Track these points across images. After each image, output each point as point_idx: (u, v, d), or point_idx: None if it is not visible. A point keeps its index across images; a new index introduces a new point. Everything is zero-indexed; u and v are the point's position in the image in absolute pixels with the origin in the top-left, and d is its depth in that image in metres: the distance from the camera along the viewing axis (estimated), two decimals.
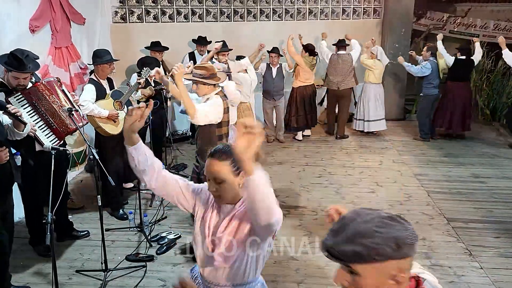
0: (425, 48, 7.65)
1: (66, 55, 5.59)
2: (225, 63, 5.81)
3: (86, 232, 4.55)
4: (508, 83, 8.95)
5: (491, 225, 4.77)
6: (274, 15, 8.18)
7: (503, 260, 4.14)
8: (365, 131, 7.90)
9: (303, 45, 7.47)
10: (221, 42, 5.74)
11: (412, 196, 5.50)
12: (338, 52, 7.57)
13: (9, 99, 3.60)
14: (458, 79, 7.47)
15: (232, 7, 7.85)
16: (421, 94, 7.70)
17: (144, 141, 6.18)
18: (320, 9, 8.44)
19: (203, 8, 7.68)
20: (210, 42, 7.14)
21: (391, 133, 8.13)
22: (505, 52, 6.83)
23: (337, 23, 8.55)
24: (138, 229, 4.59)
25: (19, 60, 3.62)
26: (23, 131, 3.35)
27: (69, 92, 4.19)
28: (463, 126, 7.63)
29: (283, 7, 8.19)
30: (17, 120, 3.22)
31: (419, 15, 11.95)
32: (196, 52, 7.19)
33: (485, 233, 4.62)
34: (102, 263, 3.77)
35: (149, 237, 4.43)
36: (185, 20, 7.62)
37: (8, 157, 3.20)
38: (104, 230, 3.77)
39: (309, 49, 7.35)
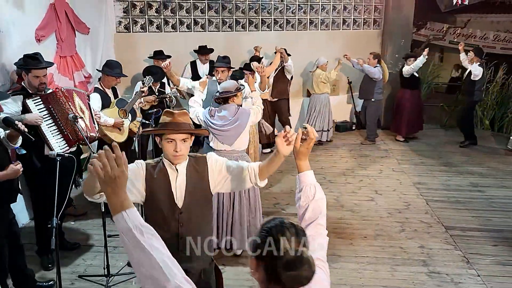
0: (372, 55, 7.82)
1: (71, 64, 5.68)
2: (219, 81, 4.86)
3: (77, 244, 4.55)
4: (507, 93, 9.04)
5: (489, 234, 4.83)
6: (276, 25, 8.30)
7: (500, 268, 4.19)
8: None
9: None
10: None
11: (411, 205, 5.56)
12: None
13: (26, 101, 3.71)
14: (404, 86, 8.06)
15: (234, 17, 7.97)
16: (372, 99, 7.90)
17: (146, 148, 6.24)
18: (321, 20, 8.56)
19: (205, 18, 7.79)
20: (212, 50, 7.21)
21: (391, 142, 8.21)
22: (462, 55, 7.82)
23: (338, 34, 8.67)
24: None
25: (36, 59, 3.81)
26: (15, 144, 3.41)
27: (94, 110, 4.38)
28: (418, 127, 8.33)
29: (284, 17, 8.30)
30: (24, 136, 3.28)
31: (419, 25, 12.10)
32: (198, 61, 7.26)
33: (482, 241, 4.67)
34: (104, 268, 3.83)
35: None
36: (188, 30, 7.73)
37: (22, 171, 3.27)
38: (106, 236, 3.84)
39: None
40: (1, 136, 3.31)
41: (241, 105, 4.28)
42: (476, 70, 7.47)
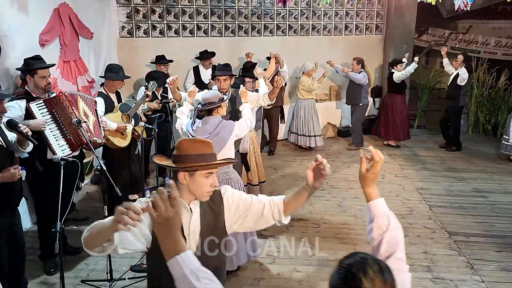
0: (355, 61, 7.82)
1: (74, 69, 5.70)
2: (226, 92, 4.53)
3: (80, 248, 4.54)
4: (509, 98, 9.05)
5: (492, 239, 4.81)
6: (278, 30, 8.32)
7: (504, 274, 4.17)
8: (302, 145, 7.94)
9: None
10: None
11: (414, 210, 5.54)
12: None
13: (30, 104, 3.71)
14: (393, 91, 8.06)
15: (236, 22, 8.00)
16: (360, 104, 7.92)
17: (149, 152, 6.23)
18: (323, 25, 8.58)
19: (208, 23, 7.82)
20: (214, 54, 7.23)
21: (393, 147, 8.20)
22: (445, 60, 8.06)
23: (340, 39, 8.69)
24: None
25: (39, 59, 3.86)
26: (25, 149, 3.41)
27: (101, 117, 4.39)
28: (404, 135, 8.21)
29: (287, 23, 8.33)
30: (27, 139, 3.26)
31: (421, 31, 12.14)
32: (200, 66, 7.28)
33: (486, 247, 4.65)
34: (107, 273, 3.82)
35: None
36: (191, 35, 7.76)
37: (20, 175, 3.26)
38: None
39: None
40: (12, 140, 3.32)
41: (230, 112, 4.09)
42: (464, 74, 7.56)
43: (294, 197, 2.12)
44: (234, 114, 4.48)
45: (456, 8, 6.77)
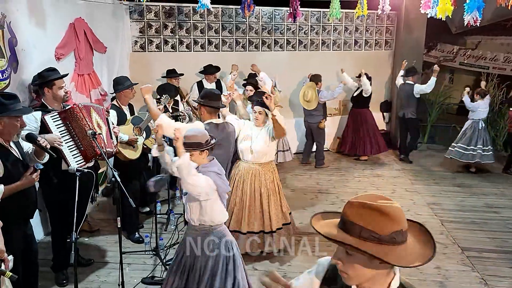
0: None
1: (88, 82, 5.78)
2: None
3: (91, 260, 4.56)
4: None
5: (505, 255, 4.76)
6: (288, 45, 8.40)
7: None
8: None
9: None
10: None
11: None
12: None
13: (44, 117, 3.73)
14: (359, 106, 8.15)
15: (247, 37, 8.09)
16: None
17: (160, 166, 6.24)
18: (333, 40, 8.65)
19: (219, 38, 7.91)
20: (219, 69, 7.26)
21: (403, 162, 8.18)
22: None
23: (350, 54, 8.75)
24: (154, 252, 4.64)
25: (54, 70, 3.91)
26: (42, 160, 3.42)
27: (113, 124, 4.41)
28: (371, 149, 8.13)
29: (297, 38, 8.41)
30: (46, 151, 3.28)
31: (429, 47, 12.19)
32: (204, 80, 7.25)
33: (499, 263, 4.61)
34: (118, 285, 3.81)
35: (164, 261, 4.48)
36: (202, 50, 7.85)
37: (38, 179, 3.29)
38: (122, 253, 3.84)
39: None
40: (29, 152, 3.35)
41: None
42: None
43: None
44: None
45: (465, 24, 6.81)
